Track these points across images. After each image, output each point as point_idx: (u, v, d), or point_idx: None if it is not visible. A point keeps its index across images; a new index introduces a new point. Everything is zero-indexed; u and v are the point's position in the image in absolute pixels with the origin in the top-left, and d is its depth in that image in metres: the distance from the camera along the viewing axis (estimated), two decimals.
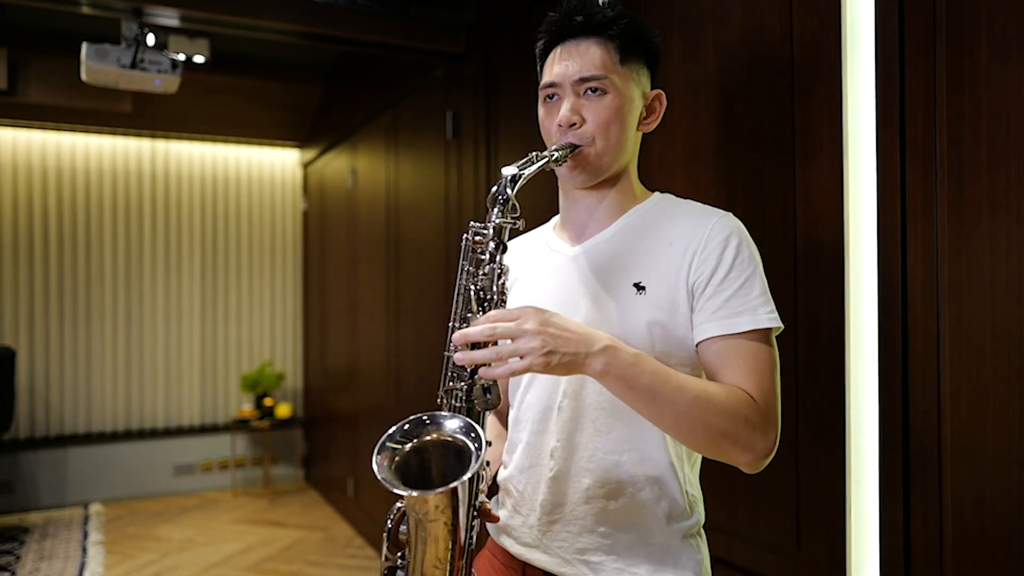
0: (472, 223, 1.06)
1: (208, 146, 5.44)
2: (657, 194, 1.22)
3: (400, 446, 0.97)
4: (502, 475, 1.24)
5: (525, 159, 1.07)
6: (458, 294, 1.04)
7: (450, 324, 1.05)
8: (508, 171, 1.04)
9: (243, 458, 5.43)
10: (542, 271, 1.23)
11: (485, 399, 0.99)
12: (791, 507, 1.54)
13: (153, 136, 5.23)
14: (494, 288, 1.02)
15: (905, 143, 1.31)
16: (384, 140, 3.96)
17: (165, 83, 3.24)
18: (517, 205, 1.04)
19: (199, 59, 3.63)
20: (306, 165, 5.59)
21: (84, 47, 3.07)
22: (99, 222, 5.13)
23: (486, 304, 1.01)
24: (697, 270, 1.08)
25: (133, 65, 3.12)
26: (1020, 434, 1.15)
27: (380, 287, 4.02)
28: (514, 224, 1.04)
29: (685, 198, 1.20)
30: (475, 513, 1.02)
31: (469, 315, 1.02)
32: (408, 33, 2.97)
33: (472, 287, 1.02)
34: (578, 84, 1.11)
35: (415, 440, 0.98)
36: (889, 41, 1.33)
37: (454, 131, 3.13)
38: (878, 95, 1.35)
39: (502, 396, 1.12)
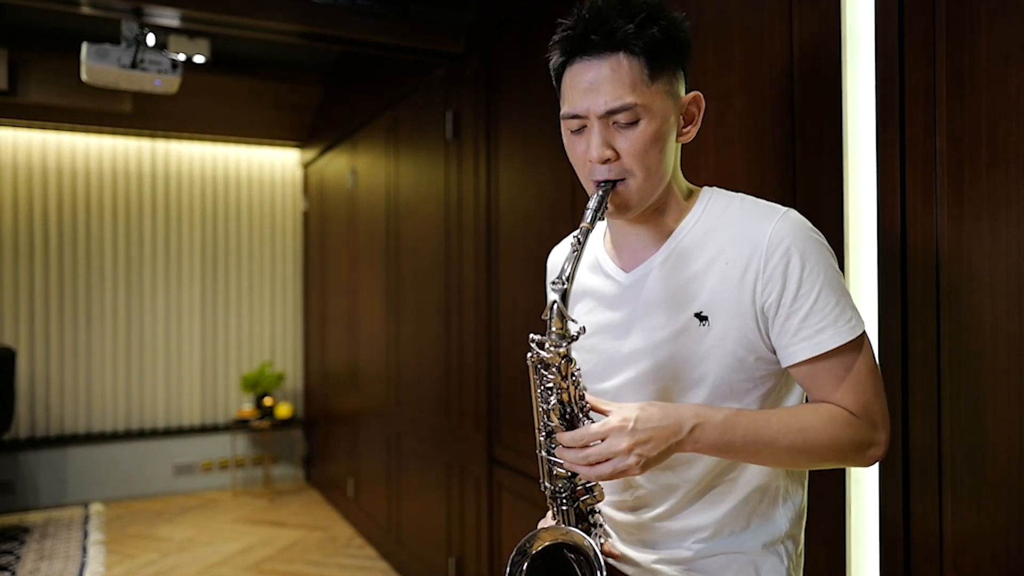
0: (532, 337, 1.00)
1: (208, 146, 5.44)
2: (705, 192, 1.13)
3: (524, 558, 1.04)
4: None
5: (571, 251, 0.98)
6: (536, 407, 1.03)
7: (535, 429, 1.05)
8: (557, 287, 0.96)
9: (243, 458, 5.43)
10: (598, 298, 1.16)
11: (589, 498, 1.04)
12: None
13: (153, 136, 5.23)
14: (573, 404, 1.00)
15: (905, 143, 1.31)
16: (384, 140, 3.96)
17: (165, 83, 3.23)
18: (571, 318, 0.98)
19: (199, 59, 3.63)
20: (306, 165, 5.59)
21: (84, 47, 3.06)
22: (99, 222, 5.13)
23: (568, 417, 1.00)
24: (763, 293, 1.01)
25: (133, 65, 3.12)
26: (1020, 434, 1.15)
27: (380, 287, 4.02)
28: (575, 337, 0.97)
29: (735, 192, 1.13)
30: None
31: (552, 424, 1.01)
32: (408, 33, 2.97)
33: (550, 402, 1.01)
34: (606, 116, 1.01)
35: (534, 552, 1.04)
36: (889, 41, 1.33)
37: (454, 131, 3.13)
38: (878, 95, 1.35)
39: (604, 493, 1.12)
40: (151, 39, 3.16)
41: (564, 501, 1.05)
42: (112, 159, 5.17)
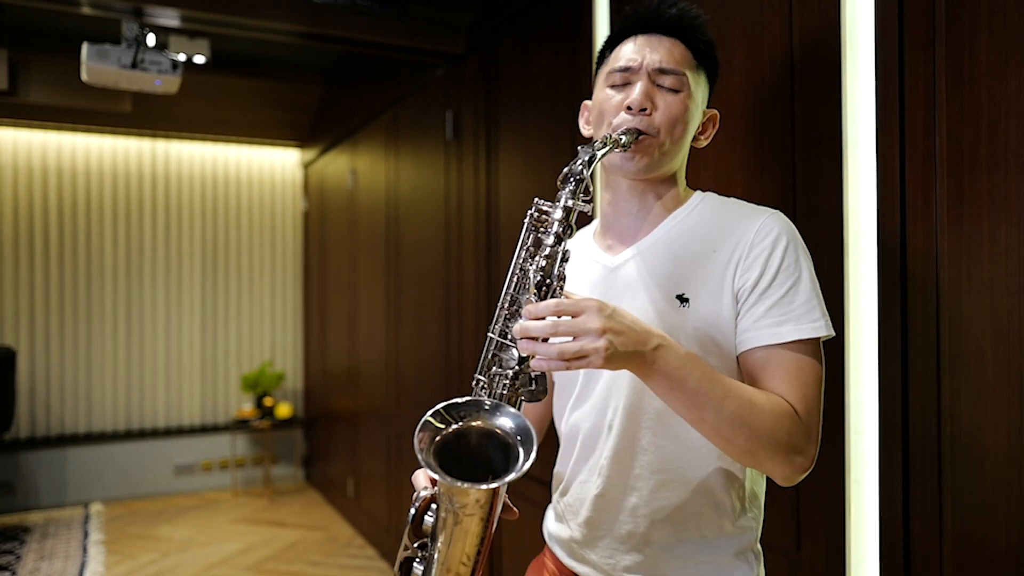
0: (537, 200, 1.00)
1: (208, 146, 5.44)
2: (699, 194, 1.18)
3: (443, 427, 0.89)
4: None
5: (597, 141, 1.03)
6: (512, 273, 0.98)
7: (499, 303, 0.99)
8: (585, 151, 1.01)
9: (243, 458, 5.43)
10: (580, 282, 1.18)
11: (531, 390, 0.93)
12: (791, 507, 1.54)
13: (153, 136, 5.23)
14: (555, 273, 0.94)
15: (905, 143, 1.31)
16: (384, 140, 3.96)
17: (165, 83, 3.24)
18: (591, 187, 0.98)
19: (199, 59, 3.63)
20: (306, 165, 5.59)
21: (84, 47, 3.07)
22: (99, 222, 5.13)
23: (544, 288, 0.93)
24: (742, 277, 1.03)
25: (133, 65, 3.12)
26: (1020, 434, 1.15)
27: (380, 287, 4.02)
28: (585, 207, 0.97)
29: (728, 196, 1.17)
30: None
31: (523, 297, 0.95)
32: (408, 33, 2.97)
33: (531, 268, 0.95)
34: (656, 74, 1.08)
35: (460, 423, 0.90)
36: (889, 41, 1.33)
37: (454, 131, 3.13)
38: (878, 95, 1.35)
39: (548, 390, 1.06)
40: (151, 39, 3.16)
41: (502, 387, 0.94)
42: (112, 159, 5.17)
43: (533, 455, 0.86)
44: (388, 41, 2.98)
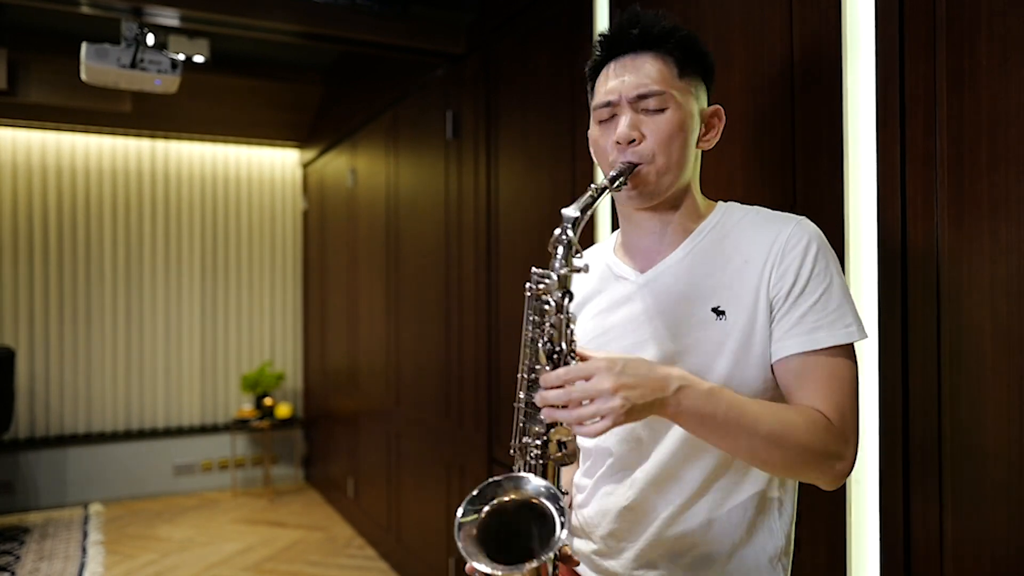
0: (534, 270, 1.00)
1: (208, 146, 5.44)
2: (721, 204, 1.17)
3: (477, 514, 0.94)
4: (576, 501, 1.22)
5: (585, 195, 1.01)
6: (524, 345, 1.00)
7: (519, 376, 1.01)
8: (569, 212, 0.98)
9: (243, 458, 5.43)
10: (608, 300, 1.16)
11: (562, 455, 0.98)
12: None
13: (153, 136, 5.23)
14: (563, 342, 0.97)
15: (905, 143, 1.31)
16: (384, 140, 3.96)
17: (165, 83, 3.23)
18: (580, 248, 0.98)
19: (199, 59, 3.63)
20: (306, 165, 5.59)
21: (84, 47, 3.06)
22: (99, 222, 5.13)
23: (555, 356, 0.96)
24: (776, 284, 1.03)
25: (133, 65, 3.11)
26: (1020, 434, 1.15)
27: (380, 287, 4.02)
28: (579, 270, 0.97)
29: (751, 204, 1.16)
30: (556, 562, 1.00)
31: (537, 367, 0.98)
32: (408, 33, 2.97)
33: (540, 340, 0.97)
34: (636, 101, 1.06)
35: (493, 503, 0.95)
36: (889, 41, 1.33)
37: (454, 131, 3.13)
38: (878, 95, 1.35)
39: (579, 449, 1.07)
40: (151, 39, 3.15)
41: (533, 457, 0.99)
42: (112, 159, 5.17)
43: (566, 516, 0.90)
44: (388, 41, 2.98)
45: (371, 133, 4.16)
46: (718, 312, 1.05)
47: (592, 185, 1.03)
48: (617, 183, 1.04)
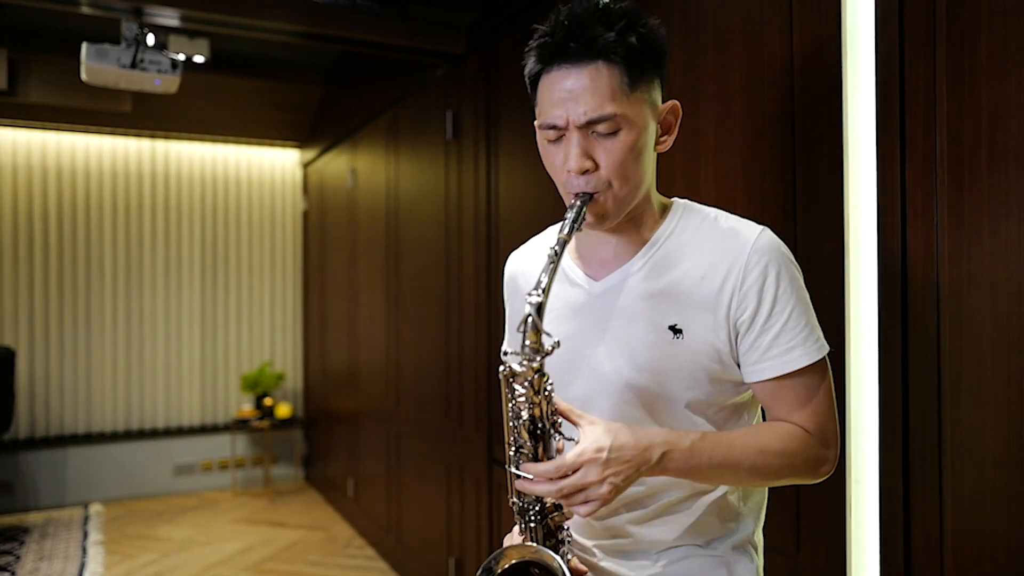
0: (504, 350, 1.01)
1: (208, 146, 5.44)
2: (677, 204, 1.12)
3: None
4: None
5: (548, 261, 0.94)
6: (507, 421, 1.00)
7: (505, 441, 1.01)
8: (533, 299, 0.92)
9: (243, 458, 5.43)
10: (562, 302, 1.13)
11: (561, 512, 1.03)
12: (791, 508, 1.54)
13: (153, 136, 5.23)
14: (543, 421, 0.97)
15: (905, 143, 1.31)
16: (384, 140, 3.96)
17: (165, 83, 3.23)
18: (548, 333, 0.94)
19: (199, 59, 3.63)
20: (306, 165, 5.59)
21: (84, 47, 3.06)
22: (99, 222, 5.13)
23: (539, 433, 0.97)
24: (738, 309, 1.02)
25: (133, 65, 3.12)
26: (1020, 434, 1.15)
27: (380, 287, 4.02)
28: (549, 352, 0.93)
29: (707, 206, 1.12)
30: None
31: (524, 445, 0.98)
32: (408, 33, 2.97)
33: (520, 417, 0.97)
34: (585, 127, 0.98)
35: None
36: (889, 41, 1.33)
37: (454, 131, 3.13)
38: (878, 95, 1.35)
39: None
40: (151, 39, 3.15)
41: (532, 517, 1.02)
42: (112, 159, 5.17)
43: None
44: (388, 41, 2.98)
45: (371, 133, 4.16)
46: (675, 331, 1.04)
47: (551, 248, 0.95)
48: (578, 226, 0.98)
